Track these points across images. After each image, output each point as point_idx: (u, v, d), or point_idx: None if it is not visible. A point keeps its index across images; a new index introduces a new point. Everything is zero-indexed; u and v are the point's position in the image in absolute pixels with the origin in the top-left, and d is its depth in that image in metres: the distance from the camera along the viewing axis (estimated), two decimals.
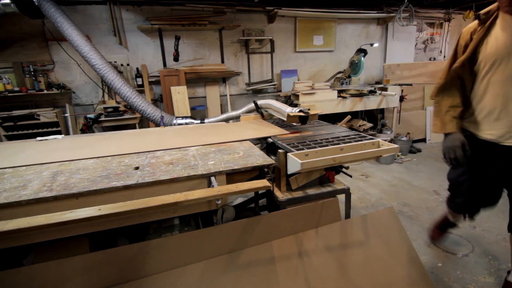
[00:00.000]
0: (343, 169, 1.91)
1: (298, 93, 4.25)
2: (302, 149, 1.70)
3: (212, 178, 1.34)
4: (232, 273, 1.39)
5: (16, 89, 3.61)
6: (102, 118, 3.77)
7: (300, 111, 2.12)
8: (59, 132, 3.63)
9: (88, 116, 3.72)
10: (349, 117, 4.51)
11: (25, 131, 3.60)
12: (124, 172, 1.37)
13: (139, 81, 4.15)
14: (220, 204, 1.39)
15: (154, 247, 1.31)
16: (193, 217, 1.78)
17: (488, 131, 1.50)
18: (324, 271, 1.54)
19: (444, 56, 5.96)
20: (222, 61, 4.58)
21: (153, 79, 4.23)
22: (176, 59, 4.04)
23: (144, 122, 4.17)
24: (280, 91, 4.89)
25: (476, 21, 1.47)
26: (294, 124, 2.34)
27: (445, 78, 1.57)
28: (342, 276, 1.56)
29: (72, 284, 1.20)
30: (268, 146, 2.12)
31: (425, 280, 1.68)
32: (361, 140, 1.82)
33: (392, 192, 3.32)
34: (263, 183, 1.24)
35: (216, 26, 4.30)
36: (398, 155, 4.46)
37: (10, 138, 3.54)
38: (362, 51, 4.54)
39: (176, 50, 3.99)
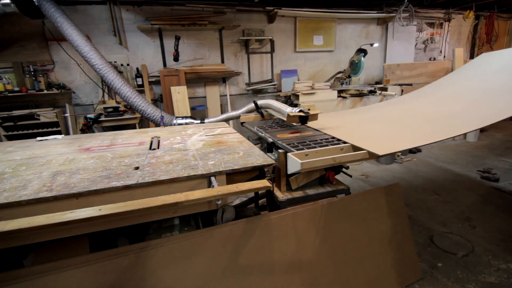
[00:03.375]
0: (343, 169, 1.91)
1: (298, 93, 4.25)
2: (302, 149, 1.70)
3: (212, 178, 1.34)
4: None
5: (16, 89, 3.61)
6: (102, 118, 3.77)
7: (300, 111, 2.12)
8: (59, 132, 3.63)
9: (88, 116, 3.72)
10: None
11: (25, 131, 3.60)
12: (124, 172, 1.37)
13: (139, 81, 4.15)
14: (220, 204, 1.38)
15: (154, 247, 1.31)
16: (193, 217, 1.78)
17: None
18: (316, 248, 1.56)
19: (444, 56, 5.96)
20: (222, 61, 4.58)
21: (153, 79, 4.23)
22: (176, 59, 4.04)
23: (144, 122, 4.17)
24: (280, 91, 4.89)
25: None
26: (294, 124, 2.34)
27: None
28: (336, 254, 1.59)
29: (72, 285, 1.20)
30: (268, 146, 2.12)
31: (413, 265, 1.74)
32: None
33: None
34: (263, 183, 1.24)
35: (216, 26, 4.30)
36: (398, 155, 4.46)
37: (10, 138, 3.54)
38: (362, 51, 4.54)
39: (176, 50, 3.99)
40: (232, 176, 1.42)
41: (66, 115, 3.75)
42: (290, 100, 4.49)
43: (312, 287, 1.55)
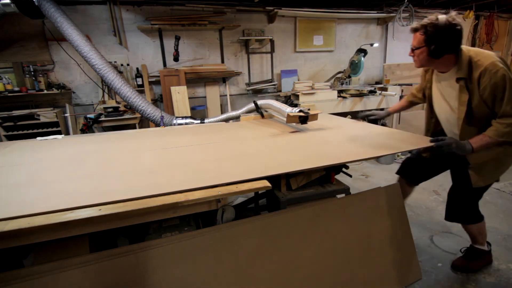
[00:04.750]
0: (343, 169, 1.91)
1: (298, 93, 4.25)
2: None
3: None
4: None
5: (16, 89, 3.61)
6: (102, 118, 3.77)
7: (300, 111, 2.12)
8: (59, 132, 3.63)
9: (88, 116, 3.72)
10: (349, 117, 4.50)
11: (25, 131, 3.60)
12: None
13: (139, 81, 4.15)
14: (220, 204, 1.38)
15: (154, 247, 1.31)
16: (193, 217, 1.78)
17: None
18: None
19: None
20: (222, 61, 4.58)
21: (153, 79, 4.23)
22: (176, 59, 4.04)
23: (144, 122, 4.17)
24: (280, 91, 4.89)
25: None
26: (294, 124, 2.34)
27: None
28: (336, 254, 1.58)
29: (72, 285, 1.20)
30: None
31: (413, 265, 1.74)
32: None
33: None
34: (263, 183, 1.24)
35: (216, 26, 4.30)
36: (398, 155, 4.46)
37: (10, 138, 3.54)
38: (362, 51, 4.54)
39: (176, 50, 3.99)
40: None
41: (66, 115, 3.75)
42: (290, 100, 4.49)
43: (312, 287, 1.55)
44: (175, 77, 4.16)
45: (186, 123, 3.16)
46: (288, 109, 2.18)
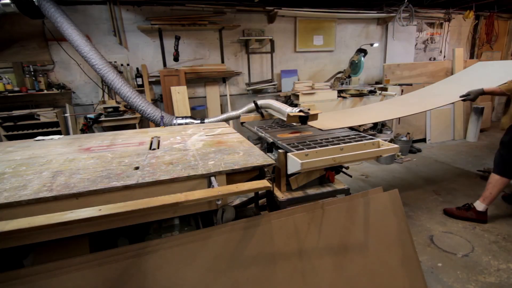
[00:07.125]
0: (343, 169, 1.91)
1: (298, 93, 4.25)
2: (302, 149, 1.70)
3: (212, 178, 1.34)
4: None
5: (16, 89, 3.61)
6: (102, 118, 3.77)
7: (300, 111, 2.12)
8: (59, 132, 3.63)
9: (88, 116, 3.72)
10: None
11: (25, 131, 3.60)
12: (124, 172, 1.37)
13: (139, 81, 4.15)
14: (220, 204, 1.38)
15: (154, 247, 1.31)
16: (193, 217, 1.78)
17: None
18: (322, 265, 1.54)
19: (444, 56, 5.96)
20: (222, 61, 4.58)
21: (153, 79, 4.23)
22: (176, 59, 4.04)
23: (144, 122, 4.17)
24: (280, 91, 4.89)
25: None
26: (294, 124, 2.34)
27: None
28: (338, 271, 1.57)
29: (72, 285, 1.20)
30: (268, 146, 2.12)
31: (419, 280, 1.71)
32: (361, 140, 1.82)
33: None
34: (263, 183, 1.24)
35: (216, 26, 4.30)
36: (398, 155, 4.46)
37: (10, 138, 3.54)
38: (362, 51, 4.54)
39: (176, 50, 3.99)
40: (232, 176, 1.42)
41: (66, 115, 3.75)
42: (290, 100, 4.49)
43: (313, 287, 1.55)
44: (175, 77, 4.16)
45: (186, 123, 3.16)
46: (288, 109, 2.18)
